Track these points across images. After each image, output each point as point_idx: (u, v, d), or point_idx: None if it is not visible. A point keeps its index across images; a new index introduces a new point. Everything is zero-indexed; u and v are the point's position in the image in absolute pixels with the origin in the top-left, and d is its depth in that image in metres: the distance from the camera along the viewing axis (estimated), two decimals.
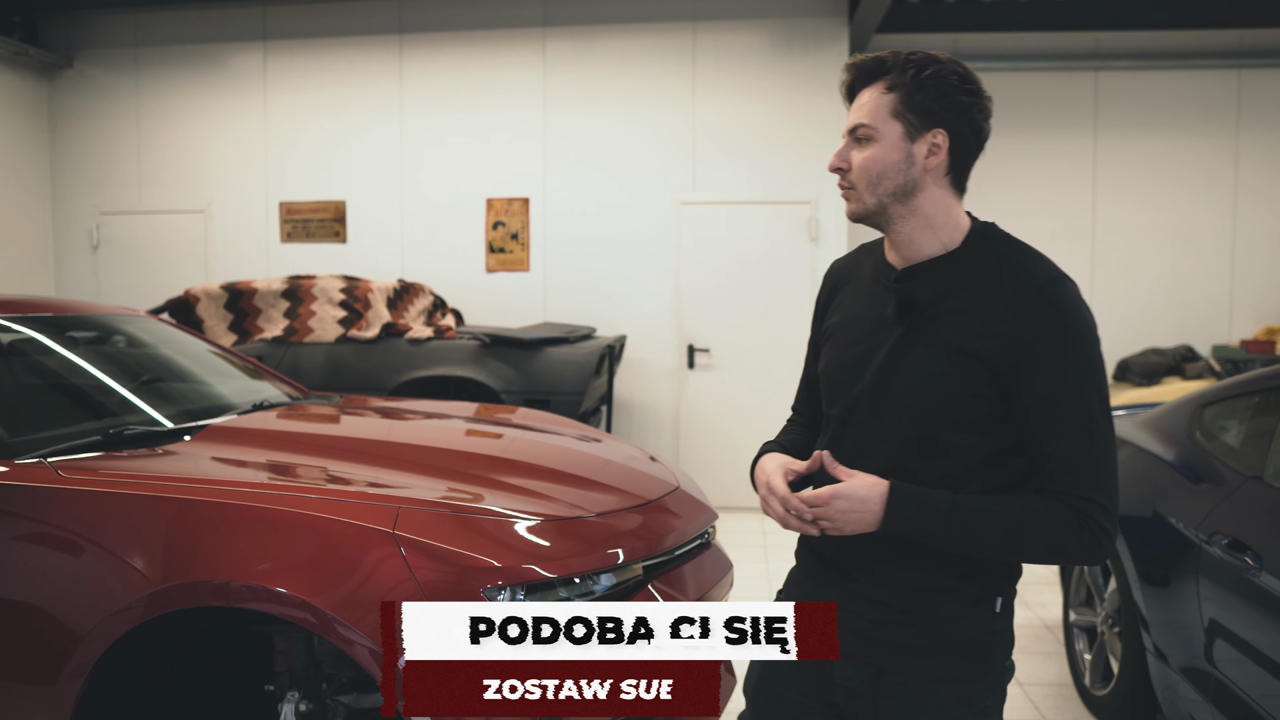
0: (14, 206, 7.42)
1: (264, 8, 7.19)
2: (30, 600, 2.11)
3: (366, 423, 3.26)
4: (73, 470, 2.28)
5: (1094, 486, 1.38)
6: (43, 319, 3.28)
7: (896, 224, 1.48)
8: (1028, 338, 1.37)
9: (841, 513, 1.38)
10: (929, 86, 1.43)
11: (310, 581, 1.99)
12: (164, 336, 3.71)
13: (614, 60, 6.83)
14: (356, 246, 7.15)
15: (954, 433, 1.42)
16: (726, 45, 6.72)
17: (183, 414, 2.97)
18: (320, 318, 5.55)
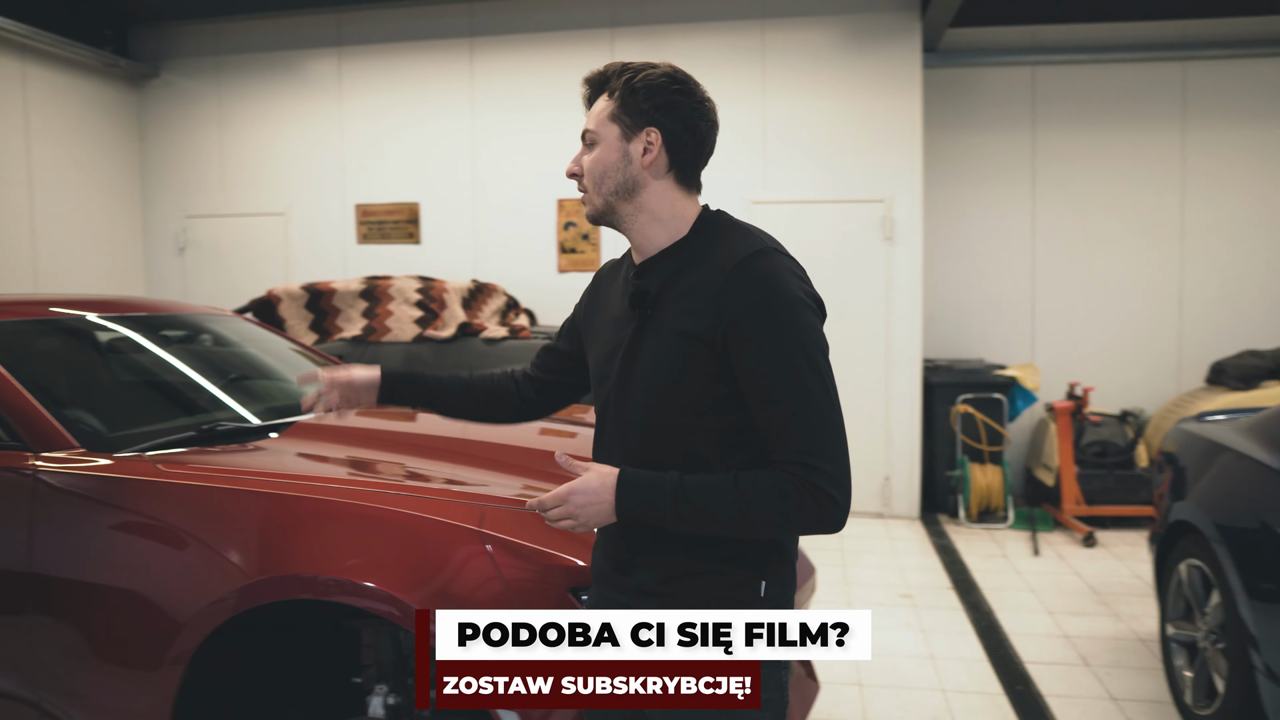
0: (108, 211, 7.69)
1: (338, 14, 7.33)
2: (134, 588, 2.17)
3: (445, 421, 3.27)
4: (170, 464, 2.34)
5: (811, 452, 1.39)
6: (138, 318, 3.39)
7: (626, 221, 1.56)
8: (731, 311, 1.41)
9: (580, 507, 1.43)
10: (640, 89, 1.52)
11: (397, 577, 2.00)
12: (250, 335, 3.79)
13: (682, 59, 6.68)
14: (430, 247, 7.25)
15: (692, 415, 1.47)
16: (796, 42, 6.65)
17: (269, 411, 3.03)
18: (397, 317, 5.63)
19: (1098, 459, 6.33)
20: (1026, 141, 7.07)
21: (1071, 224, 7.07)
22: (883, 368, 6.58)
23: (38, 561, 2.27)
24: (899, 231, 6.51)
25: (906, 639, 4.28)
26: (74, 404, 2.67)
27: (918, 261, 6.49)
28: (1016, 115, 7.06)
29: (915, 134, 6.43)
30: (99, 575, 2.21)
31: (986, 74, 7.05)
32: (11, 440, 2.45)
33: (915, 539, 6.07)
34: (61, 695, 2.28)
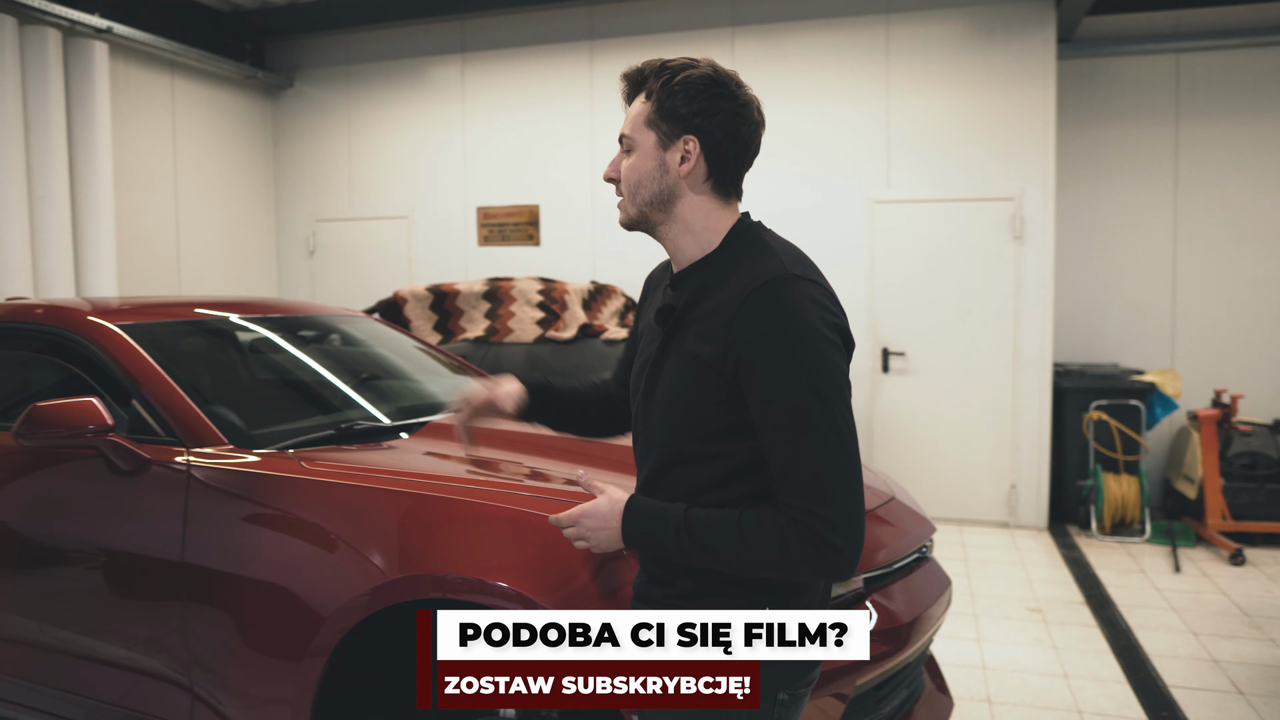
0: (244, 215, 8.07)
1: (461, 21, 7.50)
2: (279, 581, 2.24)
3: None
4: (313, 462, 2.41)
5: (815, 498, 1.30)
6: (275, 319, 3.52)
7: (660, 231, 1.49)
8: (742, 340, 1.33)
9: (591, 530, 1.43)
10: (678, 92, 1.42)
11: (534, 579, 2.01)
12: (379, 335, 3.90)
13: (803, 57, 6.71)
14: (549, 249, 7.35)
15: (705, 442, 1.40)
16: (921, 37, 6.46)
17: (401, 410, 3.11)
18: (519, 318, 5.72)
19: (1246, 471, 5.94)
20: (1169, 133, 6.69)
21: (1217, 220, 6.65)
22: (1010, 372, 6.33)
23: (190, 552, 2.38)
24: (1029, 230, 6.25)
25: (1037, 655, 4.11)
26: (218, 401, 2.79)
27: (1049, 261, 6.22)
28: (1158, 106, 6.69)
29: (1048, 128, 6.17)
30: (247, 567, 2.29)
31: (1125, 63, 6.71)
32: (167, 435, 2.57)
33: (1043, 550, 5.83)
34: (211, 680, 2.38)
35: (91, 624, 2.60)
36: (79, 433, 2.45)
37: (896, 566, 2.45)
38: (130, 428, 2.64)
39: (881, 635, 2.21)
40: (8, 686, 2.78)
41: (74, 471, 2.64)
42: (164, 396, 2.62)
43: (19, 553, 2.74)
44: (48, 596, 2.70)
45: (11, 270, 5.80)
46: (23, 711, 2.80)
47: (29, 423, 2.46)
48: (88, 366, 2.87)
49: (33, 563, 2.73)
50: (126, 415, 2.66)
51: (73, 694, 2.66)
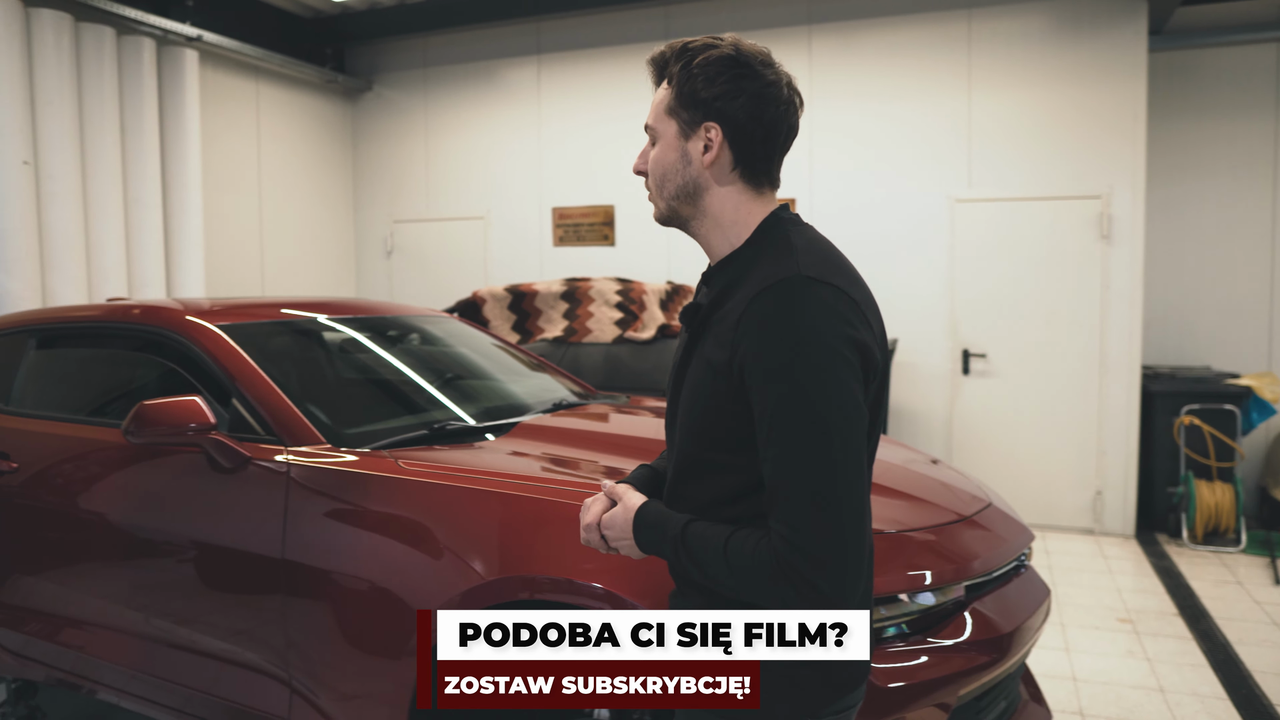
0: (324, 217, 8.25)
1: (537, 23, 7.55)
2: (377, 579, 2.28)
3: (656, 422, 3.29)
4: (410, 462, 2.44)
5: (794, 524, 1.17)
6: (364, 320, 3.58)
7: (692, 226, 1.39)
8: (745, 346, 1.21)
9: (614, 540, 1.39)
10: (697, 75, 1.31)
11: (627, 580, 2.00)
12: (465, 336, 3.94)
13: (882, 54, 6.60)
14: (624, 249, 7.36)
15: (720, 452, 1.30)
16: (1005, 31, 6.31)
17: (487, 411, 3.13)
18: (598, 319, 5.74)
19: None
20: (1268, 127, 6.43)
21: None
22: (1096, 375, 6.15)
23: (290, 548, 2.43)
24: (1117, 229, 6.06)
25: (1131, 667, 3.98)
26: (310, 401, 2.84)
27: (1138, 261, 6.03)
28: (1257, 99, 6.43)
29: (1138, 124, 5.97)
30: (346, 564, 2.33)
31: (1221, 54, 6.46)
32: (266, 434, 2.63)
33: (1131, 559, 5.65)
34: (310, 675, 2.43)
35: (191, 616, 2.68)
36: (184, 430, 2.52)
37: (995, 575, 2.39)
38: (229, 426, 2.70)
39: (982, 645, 2.16)
40: (111, 673, 2.88)
41: (176, 468, 2.72)
42: (263, 396, 2.69)
43: (123, 546, 2.83)
44: (149, 588, 2.78)
45: (108, 271, 6.01)
46: (124, 698, 2.90)
47: (137, 420, 2.54)
48: (188, 366, 2.95)
49: (135, 555, 2.82)
50: (226, 414, 2.73)
51: (172, 682, 2.73)
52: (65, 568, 2.98)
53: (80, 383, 3.45)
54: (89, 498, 2.94)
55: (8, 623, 3.09)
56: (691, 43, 1.35)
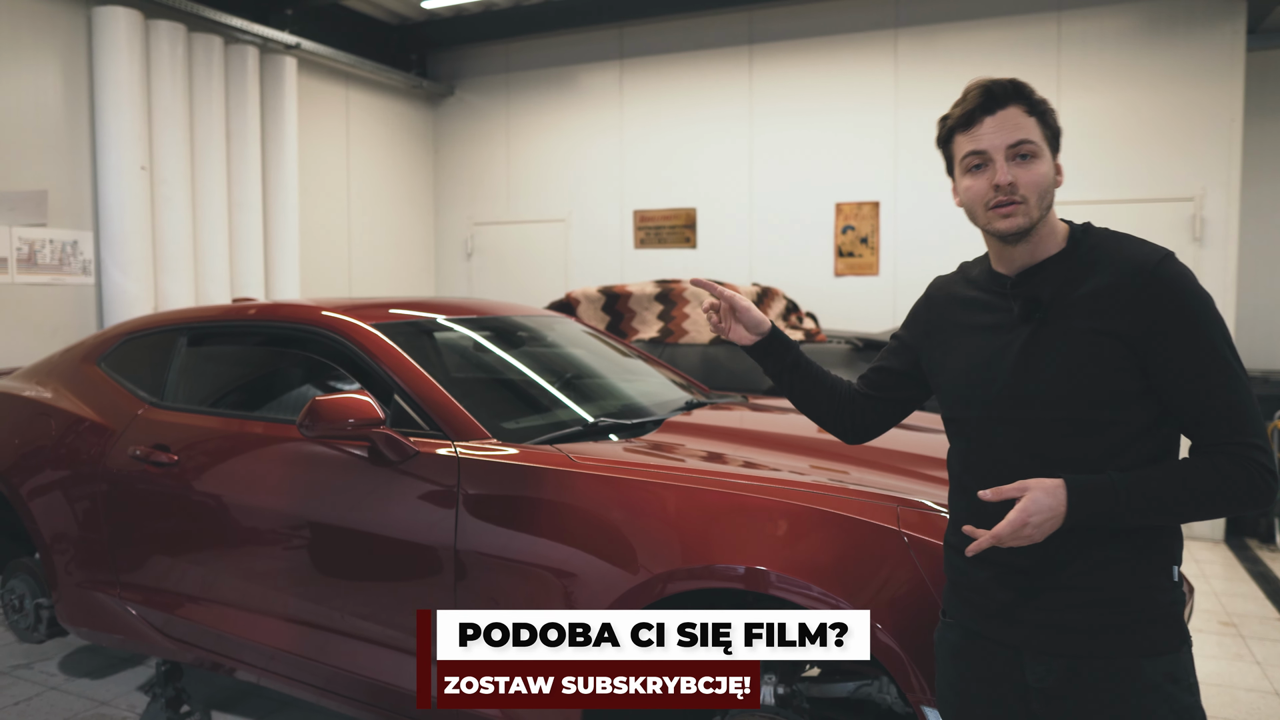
0: (407, 219, 8.44)
1: (620, 28, 7.67)
2: (554, 570, 2.37)
3: (797, 420, 3.35)
4: (581, 456, 2.55)
5: (1250, 431, 1.47)
6: (491, 320, 3.69)
7: (1035, 233, 1.58)
8: (1156, 311, 1.47)
9: (1037, 527, 1.45)
10: (1052, 116, 1.60)
11: (834, 577, 2.05)
12: (580, 337, 4.04)
13: (968, 57, 6.62)
14: (706, 251, 7.44)
15: (1102, 410, 1.50)
16: (1096, 32, 6.30)
17: (628, 408, 3.22)
18: (694, 320, 5.83)
19: None
20: None
21: None
22: None
23: (463, 539, 2.53)
24: (1209, 231, 6.02)
25: (1243, 670, 3.98)
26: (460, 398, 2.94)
27: (1232, 264, 5.98)
28: None
29: (1234, 125, 5.93)
30: (522, 554, 2.42)
31: None
32: (430, 429, 2.75)
33: (1222, 563, 5.61)
34: None
35: (350, 601, 2.79)
36: (355, 425, 2.64)
37: None
38: (391, 421, 2.82)
39: None
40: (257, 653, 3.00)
41: (338, 461, 2.84)
42: (426, 392, 2.81)
43: (282, 534, 2.96)
44: (307, 574, 2.90)
45: (214, 273, 6.23)
46: (265, 676, 3.02)
47: (311, 415, 2.66)
48: (347, 364, 3.09)
49: (295, 544, 2.94)
50: (389, 409, 2.85)
51: (320, 663, 2.84)
52: (222, 554, 3.12)
53: (229, 379, 3.61)
54: (248, 488, 3.07)
55: (165, 606, 3.23)
56: (1027, 85, 1.61)
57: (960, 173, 1.64)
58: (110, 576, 3.34)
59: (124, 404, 3.46)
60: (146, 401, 3.43)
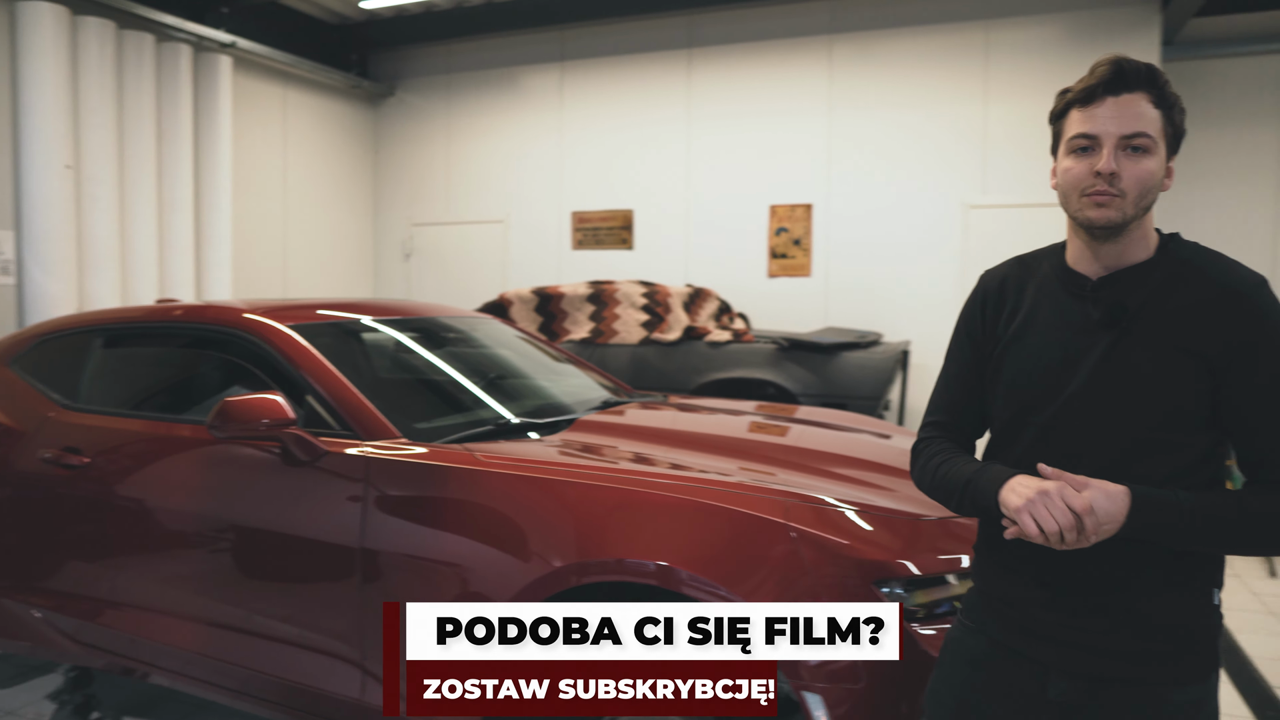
0: (345, 220, 8.39)
1: (561, 31, 7.70)
2: (455, 566, 2.41)
3: (710, 419, 3.42)
4: (487, 454, 2.58)
5: None
6: (414, 321, 3.71)
7: (1127, 233, 1.48)
8: (1245, 337, 1.41)
9: (1095, 528, 1.38)
10: (1180, 114, 1.46)
11: (721, 568, 2.11)
12: (505, 337, 4.06)
13: (901, 63, 6.76)
14: (643, 252, 7.51)
15: (1172, 432, 1.44)
16: (1022, 41, 6.48)
17: (543, 408, 3.26)
18: (624, 320, 5.88)
19: None
20: (1273, 137, 6.58)
21: None
22: None
23: (369, 537, 2.56)
24: None
25: None
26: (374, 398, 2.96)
27: None
28: (1263, 108, 6.59)
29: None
30: (426, 552, 2.46)
31: (1230, 65, 6.62)
32: (341, 429, 2.77)
33: None
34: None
35: (260, 601, 2.79)
36: (265, 426, 2.65)
37: None
38: (304, 422, 2.84)
39: None
40: (171, 657, 2.99)
41: (249, 461, 2.85)
42: (337, 393, 2.82)
43: (193, 535, 2.96)
44: (217, 575, 2.90)
45: (142, 274, 6.15)
46: (180, 680, 3.01)
47: (221, 416, 2.66)
48: (259, 364, 3.08)
49: (205, 544, 2.94)
50: (301, 410, 2.86)
51: (233, 664, 2.84)
52: (134, 557, 3.10)
53: (145, 381, 3.58)
54: (159, 490, 3.05)
55: (75, 612, 3.20)
56: (1163, 73, 1.48)
57: (1064, 152, 1.52)
58: (17, 582, 3.30)
59: (35, 406, 3.41)
60: (59, 404, 3.39)
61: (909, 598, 2.15)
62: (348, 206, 8.43)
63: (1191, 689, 1.47)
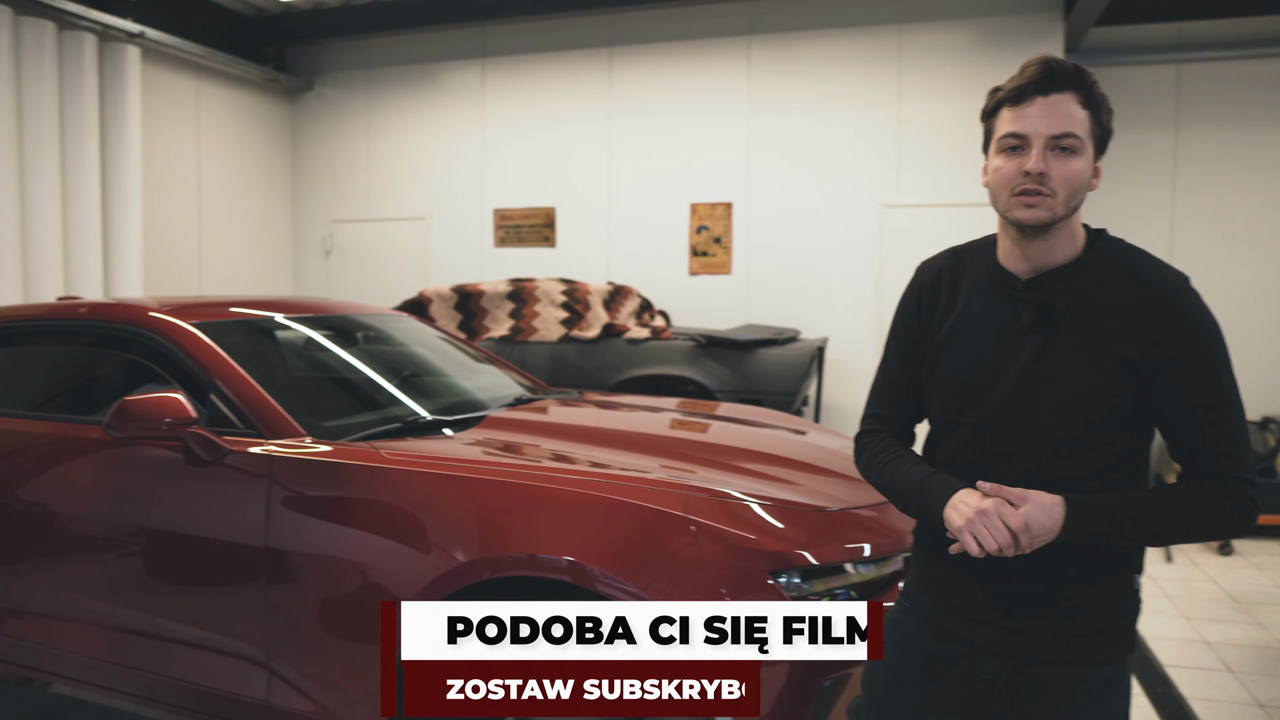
0: (262, 216, 8.22)
1: (483, 27, 7.67)
2: (359, 565, 2.40)
3: (620, 416, 3.46)
4: (391, 451, 2.58)
5: (1245, 466, 1.47)
6: (328, 319, 3.67)
7: (1054, 233, 1.51)
8: (1170, 340, 1.45)
9: (1031, 540, 1.43)
10: (1107, 114, 1.49)
11: (618, 560, 2.15)
12: (421, 335, 4.05)
13: (817, 65, 6.90)
14: (565, 250, 7.52)
15: (1096, 431, 1.49)
16: (934, 45, 6.66)
17: (454, 405, 3.27)
18: (544, 318, 5.89)
19: None
20: (1168, 142, 6.89)
21: (1213, 226, 6.86)
22: None
23: (272, 537, 2.53)
24: None
25: None
26: (282, 396, 2.93)
27: None
28: (1159, 114, 6.89)
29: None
30: (329, 550, 2.44)
31: (1129, 73, 6.90)
32: (246, 428, 2.73)
33: None
34: (290, 658, 2.54)
35: (165, 604, 2.74)
36: (166, 425, 2.60)
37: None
38: (207, 421, 2.79)
39: None
40: (73, 664, 2.92)
41: (151, 461, 2.79)
42: (241, 391, 2.78)
43: (95, 538, 2.89)
44: (121, 579, 2.83)
45: (44, 269, 5.95)
46: (83, 688, 2.94)
47: (119, 415, 2.61)
48: (162, 363, 3.02)
49: (107, 548, 2.88)
50: (205, 409, 2.82)
51: (139, 670, 2.79)
52: (33, 562, 3.01)
53: (46, 381, 3.48)
54: (61, 493, 2.98)
55: None
56: (1091, 75, 1.50)
57: (994, 151, 1.53)
58: None
59: None
60: None
61: (807, 586, 2.22)
62: (266, 202, 8.26)
63: (1108, 668, 1.55)
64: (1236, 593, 4.92)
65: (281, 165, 8.42)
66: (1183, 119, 6.86)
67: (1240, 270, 6.80)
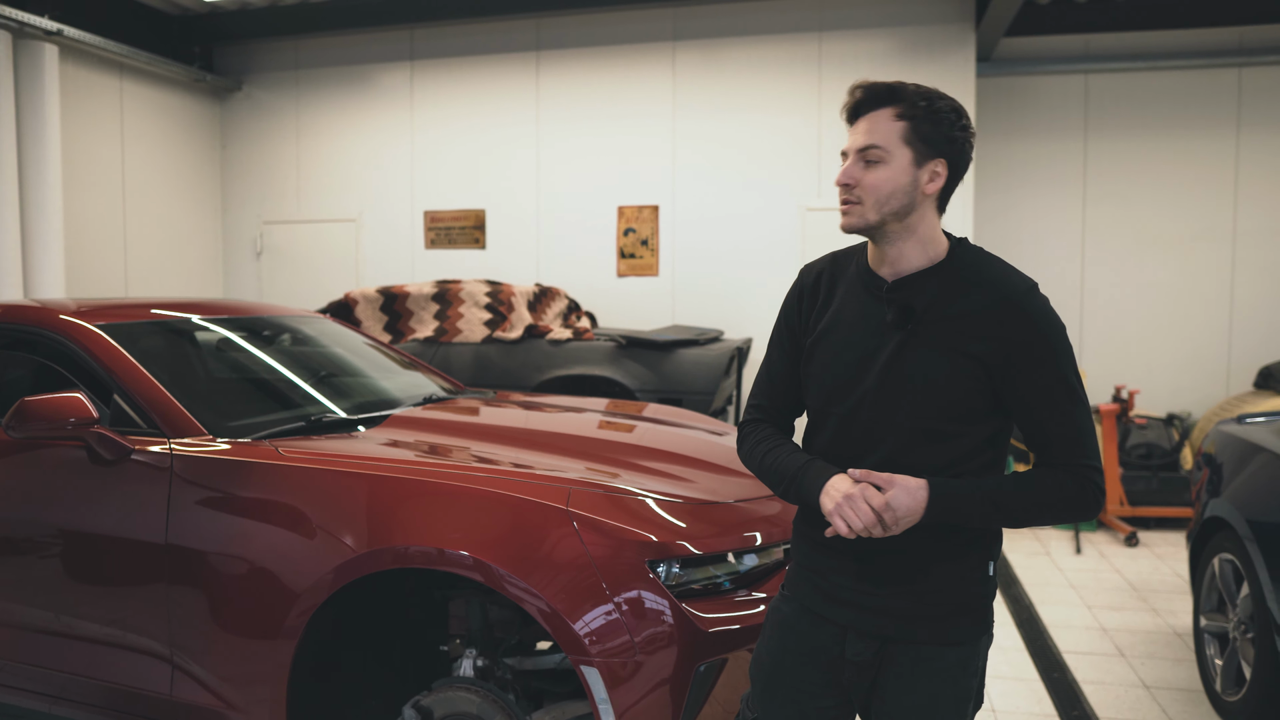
0: (190, 217, 8.15)
1: (411, 29, 7.69)
2: (257, 561, 2.46)
3: (528, 415, 3.54)
4: (290, 449, 2.64)
5: (1090, 454, 1.61)
6: (242, 320, 3.71)
7: (891, 239, 1.63)
8: (1017, 340, 1.57)
9: (896, 521, 1.55)
10: (936, 119, 1.58)
11: (500, 550, 2.26)
12: (338, 335, 4.10)
13: (741, 71, 7.05)
14: (495, 252, 7.58)
15: (953, 423, 1.61)
16: (852, 53, 6.85)
17: (361, 405, 3.33)
18: (468, 319, 5.95)
19: (1143, 461, 6.42)
20: (1078, 148, 7.18)
21: (1122, 230, 7.16)
22: None
23: (173, 534, 2.58)
24: None
25: None
26: (191, 396, 2.98)
27: None
28: (1069, 123, 7.18)
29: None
30: (227, 548, 2.50)
31: (1039, 82, 7.18)
32: (148, 427, 2.77)
33: None
34: (192, 653, 2.59)
35: (71, 603, 2.77)
36: (66, 425, 2.64)
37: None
38: (111, 421, 2.83)
39: None
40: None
41: (54, 462, 2.82)
42: (144, 391, 2.82)
43: (3, 540, 2.90)
44: (25, 579, 2.86)
45: None
46: None
47: (18, 416, 2.64)
48: (66, 364, 3.04)
49: (15, 548, 2.89)
50: (108, 409, 2.85)
51: (49, 669, 2.82)
52: None
53: None
54: None
55: None
56: (922, 88, 1.61)
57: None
58: None
59: None
60: None
61: (687, 575, 2.33)
62: (194, 203, 8.18)
63: (962, 649, 1.66)
64: (1138, 582, 5.16)
65: (210, 166, 8.35)
66: (1092, 127, 7.15)
67: (1148, 272, 7.11)
